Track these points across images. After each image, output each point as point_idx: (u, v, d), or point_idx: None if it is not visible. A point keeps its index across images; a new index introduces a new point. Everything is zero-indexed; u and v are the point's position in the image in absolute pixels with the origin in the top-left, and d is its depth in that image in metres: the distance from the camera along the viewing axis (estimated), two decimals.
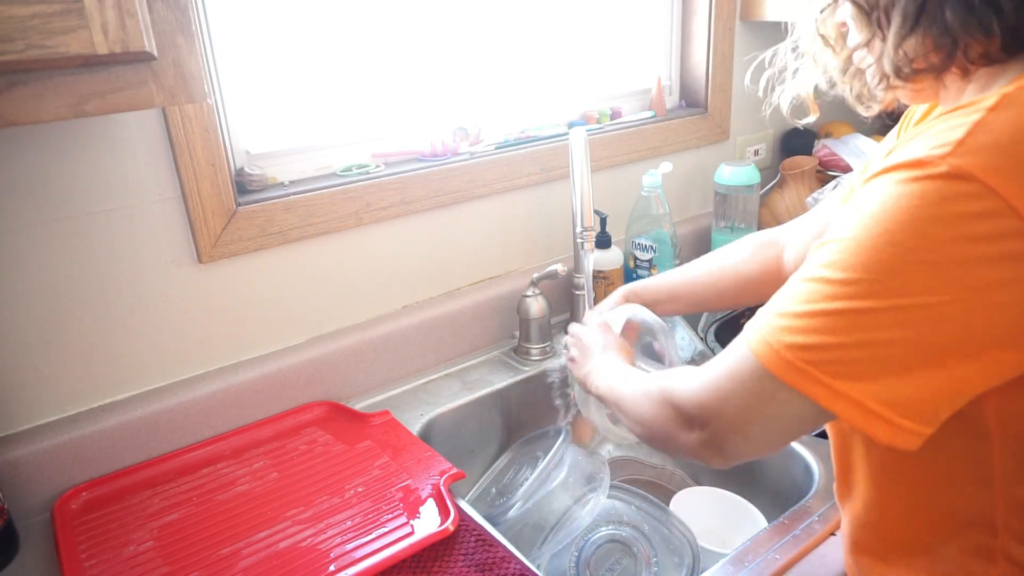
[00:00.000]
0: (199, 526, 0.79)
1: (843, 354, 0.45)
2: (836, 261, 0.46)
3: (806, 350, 0.46)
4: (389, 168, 1.07)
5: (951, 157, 0.43)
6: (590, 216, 1.09)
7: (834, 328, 0.45)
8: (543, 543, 0.84)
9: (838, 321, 0.45)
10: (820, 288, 0.47)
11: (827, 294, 0.46)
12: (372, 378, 1.07)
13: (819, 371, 0.46)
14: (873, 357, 0.45)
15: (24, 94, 0.52)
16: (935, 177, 0.43)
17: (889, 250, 0.44)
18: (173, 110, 0.84)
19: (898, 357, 0.44)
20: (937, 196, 0.43)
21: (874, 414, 0.45)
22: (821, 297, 0.46)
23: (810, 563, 0.73)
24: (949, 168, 0.42)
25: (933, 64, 0.50)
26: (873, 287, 0.44)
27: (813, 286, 0.47)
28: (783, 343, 0.47)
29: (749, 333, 0.51)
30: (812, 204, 1.27)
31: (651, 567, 0.81)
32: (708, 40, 1.36)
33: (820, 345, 0.46)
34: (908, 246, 0.43)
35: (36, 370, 0.84)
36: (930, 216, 0.43)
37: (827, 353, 0.45)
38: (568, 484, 0.87)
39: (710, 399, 0.53)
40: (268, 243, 0.95)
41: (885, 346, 0.44)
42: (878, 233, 0.44)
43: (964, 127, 0.43)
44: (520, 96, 1.23)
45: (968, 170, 0.42)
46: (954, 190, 0.42)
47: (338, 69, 1.03)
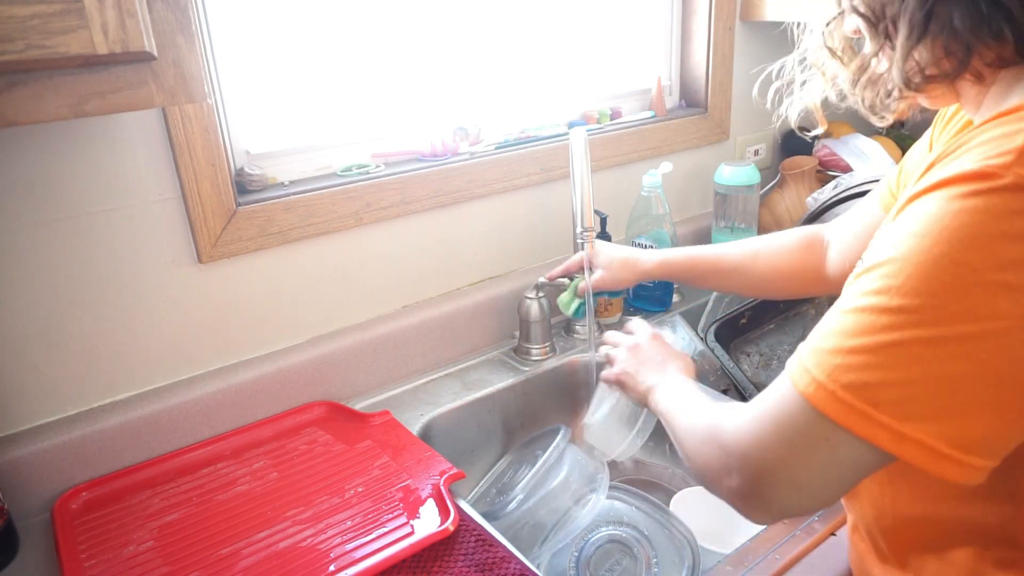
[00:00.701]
0: (199, 526, 0.79)
1: (907, 392, 0.41)
2: (891, 287, 0.42)
3: (866, 389, 0.42)
4: (389, 168, 1.07)
5: (1016, 167, 0.39)
6: (590, 216, 1.09)
7: (896, 363, 0.41)
8: (543, 543, 0.84)
9: (900, 355, 0.41)
10: (875, 319, 0.42)
11: (884, 325, 0.42)
12: (372, 378, 1.07)
13: (881, 412, 0.41)
14: (939, 394, 0.41)
15: (24, 94, 0.52)
16: (999, 190, 0.39)
17: (953, 271, 0.40)
18: (173, 110, 0.84)
19: (967, 392, 0.41)
20: (1004, 210, 0.39)
21: (944, 456, 0.41)
22: (878, 328, 0.42)
23: (810, 563, 0.73)
24: (1015, 179, 0.39)
25: (945, 71, 0.48)
26: (938, 314, 0.40)
27: (866, 317, 0.43)
28: (839, 382, 0.43)
29: (794, 371, 0.46)
30: (812, 204, 1.27)
31: (651, 568, 0.81)
32: (708, 40, 1.36)
33: (881, 383, 0.41)
34: (974, 266, 0.39)
35: (36, 370, 0.84)
36: (998, 233, 0.39)
37: (890, 392, 0.41)
38: (568, 484, 0.87)
39: (752, 444, 0.48)
40: (268, 243, 0.95)
41: (953, 381, 0.40)
42: (938, 254, 0.40)
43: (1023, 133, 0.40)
44: (520, 96, 1.23)
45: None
46: (1022, 203, 0.39)
47: (338, 69, 1.03)
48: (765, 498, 0.48)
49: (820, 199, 1.26)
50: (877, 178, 1.20)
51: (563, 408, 1.16)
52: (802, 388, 0.45)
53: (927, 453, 0.41)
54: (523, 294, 1.13)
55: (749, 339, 1.12)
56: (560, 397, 1.15)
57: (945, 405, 0.41)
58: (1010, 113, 0.43)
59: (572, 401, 1.17)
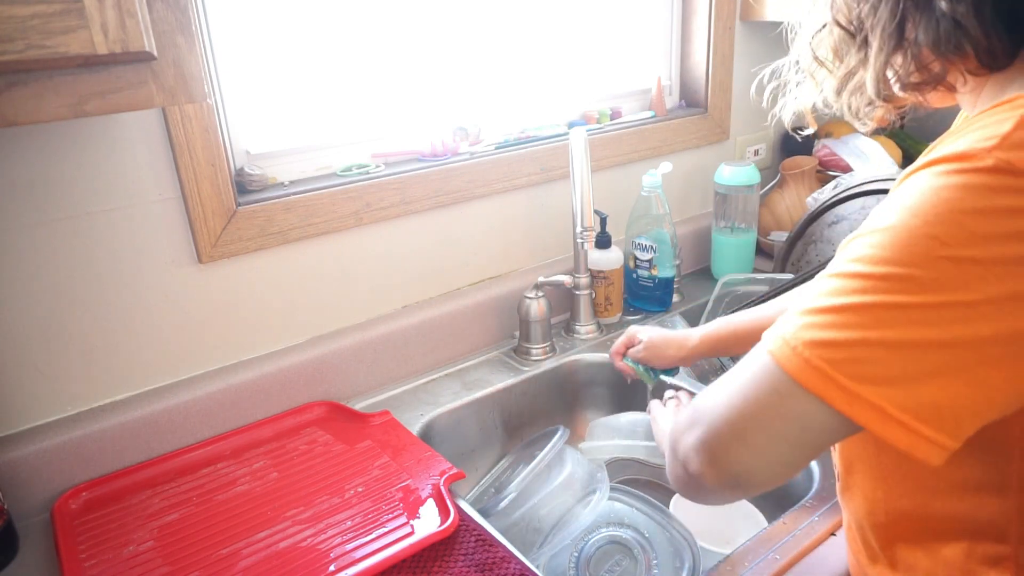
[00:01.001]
0: (199, 526, 0.79)
1: (865, 352, 0.42)
2: (868, 255, 0.43)
3: (825, 347, 0.43)
4: (389, 168, 1.07)
5: (997, 150, 0.41)
6: (590, 216, 1.09)
7: (858, 324, 0.42)
8: (543, 543, 0.84)
9: (863, 316, 0.42)
10: (848, 282, 0.44)
11: (855, 288, 0.43)
12: (372, 378, 1.07)
13: (837, 370, 0.42)
14: (897, 358, 0.41)
15: (24, 94, 0.52)
16: (980, 170, 0.41)
17: (926, 242, 0.41)
18: (173, 110, 0.84)
19: (925, 359, 0.41)
20: (982, 189, 0.41)
21: (895, 421, 0.41)
22: (848, 291, 0.43)
23: (810, 563, 0.73)
24: (996, 161, 0.40)
25: (922, 80, 0.50)
26: (905, 282, 0.41)
27: (840, 281, 0.44)
28: (801, 339, 0.44)
29: (768, 332, 0.47)
30: (812, 204, 1.27)
31: (651, 569, 0.81)
32: (708, 40, 1.36)
33: (840, 342, 0.42)
34: (946, 239, 0.41)
35: (36, 370, 0.84)
36: (973, 209, 0.40)
37: (848, 351, 0.42)
38: (568, 484, 0.87)
39: (714, 394, 0.49)
40: (268, 243, 0.95)
41: (912, 347, 0.41)
42: (915, 225, 0.42)
43: (1011, 120, 0.42)
44: (520, 96, 1.23)
45: (1016, 163, 0.40)
46: (1000, 183, 0.40)
47: (338, 69, 1.03)
48: (718, 453, 0.48)
49: (820, 199, 1.26)
50: (877, 178, 1.20)
51: (563, 408, 1.16)
52: (769, 346, 0.46)
53: (878, 415, 0.41)
54: (523, 294, 1.13)
55: None
56: (560, 397, 1.15)
57: (902, 370, 0.41)
58: (1005, 103, 0.44)
59: (572, 401, 1.17)
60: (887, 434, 0.42)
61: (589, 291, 1.19)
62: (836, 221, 1.24)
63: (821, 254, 1.26)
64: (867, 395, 0.41)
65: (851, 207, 1.22)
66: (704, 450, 0.49)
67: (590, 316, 1.20)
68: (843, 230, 1.23)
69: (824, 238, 1.26)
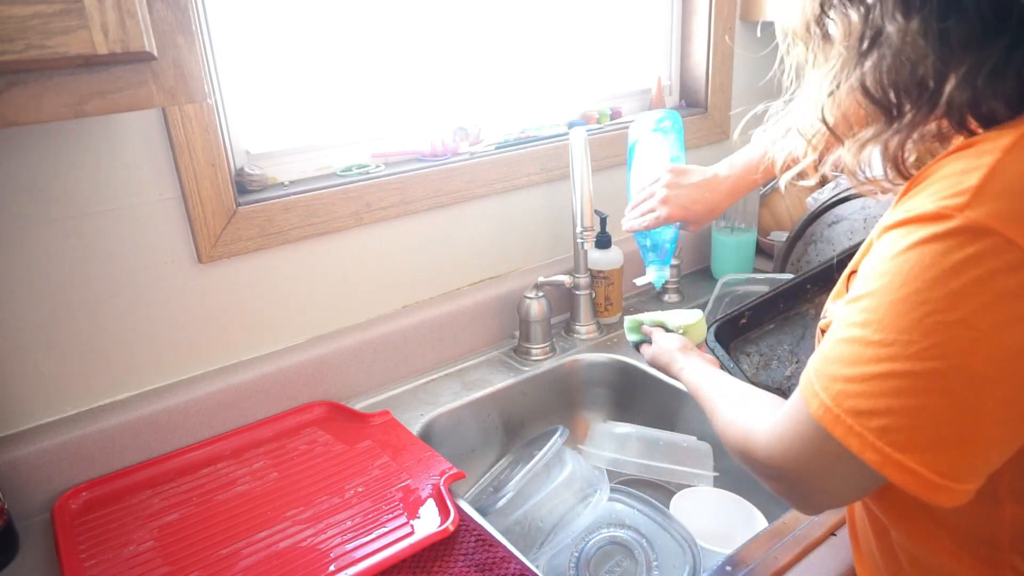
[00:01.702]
0: (199, 526, 0.79)
1: (897, 421, 0.44)
2: (871, 321, 0.45)
3: (863, 416, 0.45)
4: (389, 168, 1.07)
5: (968, 210, 0.41)
6: (590, 216, 1.09)
7: (884, 392, 0.44)
8: (543, 543, 0.84)
9: (886, 385, 0.44)
10: (862, 350, 0.45)
11: (870, 356, 0.45)
12: (372, 378, 1.07)
13: (879, 439, 0.44)
14: (926, 426, 0.43)
15: (24, 94, 0.52)
16: (951, 233, 0.41)
17: (919, 309, 0.42)
18: (173, 110, 0.84)
19: (950, 425, 0.43)
20: (959, 255, 0.41)
21: (936, 485, 0.43)
22: (865, 360, 0.45)
23: (810, 563, 0.73)
24: (966, 222, 0.41)
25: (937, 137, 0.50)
26: (908, 348, 0.43)
27: (856, 348, 0.46)
28: (843, 407, 0.46)
29: (806, 391, 0.49)
30: (812, 204, 1.27)
31: (651, 570, 0.81)
32: (708, 40, 1.36)
33: (874, 410, 0.44)
34: (936, 306, 0.42)
35: (36, 370, 0.84)
36: (954, 275, 0.41)
37: (883, 419, 0.44)
38: (569, 484, 0.87)
39: (784, 459, 0.53)
40: (268, 243, 0.95)
41: (935, 414, 0.43)
42: (904, 294, 0.43)
43: (979, 171, 0.42)
44: (520, 96, 1.23)
45: (984, 223, 0.40)
46: (974, 247, 0.41)
47: (338, 69, 1.03)
48: (804, 500, 0.54)
49: (820, 199, 1.26)
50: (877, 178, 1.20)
51: (563, 408, 1.16)
52: (814, 410, 0.48)
53: (921, 482, 0.44)
54: (523, 294, 1.13)
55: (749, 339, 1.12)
56: (560, 397, 1.15)
57: (926, 436, 0.43)
58: (977, 144, 0.44)
59: (572, 401, 1.17)
60: (924, 493, 0.44)
61: (589, 291, 1.19)
62: (836, 221, 1.24)
63: (821, 254, 1.26)
64: (909, 463, 0.44)
65: (851, 207, 1.22)
66: (794, 498, 0.55)
67: (590, 316, 1.20)
68: (843, 230, 1.23)
69: (824, 238, 1.26)
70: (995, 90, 0.45)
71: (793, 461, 0.52)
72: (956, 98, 0.46)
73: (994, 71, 0.44)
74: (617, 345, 1.17)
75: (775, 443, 0.53)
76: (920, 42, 0.46)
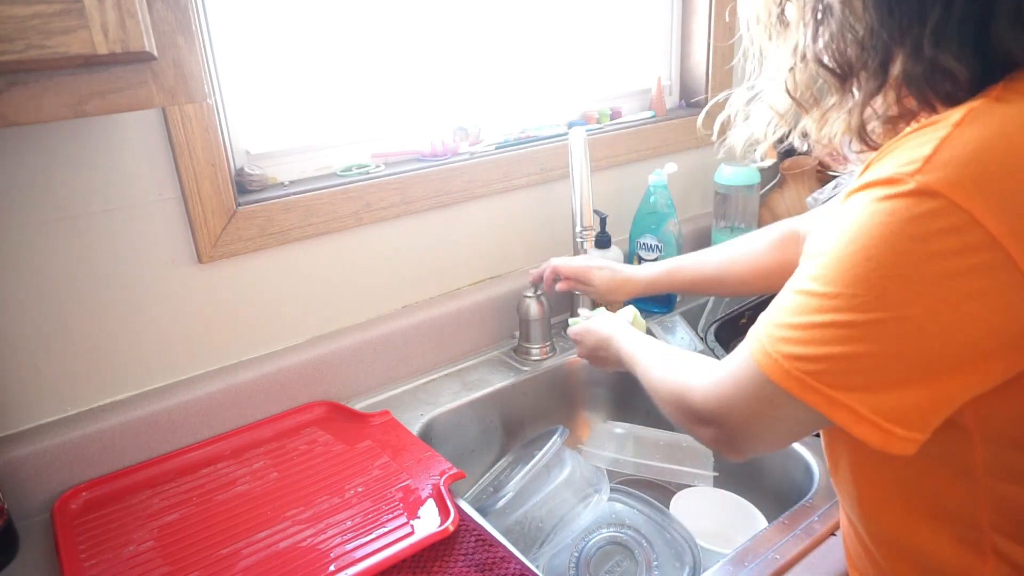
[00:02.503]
0: (199, 526, 0.79)
1: (834, 365, 0.47)
2: (820, 275, 0.49)
3: (802, 360, 0.49)
4: (389, 168, 1.07)
5: (919, 175, 0.44)
6: (590, 216, 1.09)
7: (824, 340, 0.48)
8: (543, 543, 0.84)
9: (827, 333, 0.48)
10: (808, 301, 0.49)
11: (814, 307, 0.48)
12: (372, 378, 1.07)
13: (815, 380, 0.48)
14: (861, 369, 0.47)
15: (24, 94, 0.52)
16: (904, 195, 0.45)
17: (865, 265, 0.46)
18: (173, 110, 0.84)
19: (885, 370, 0.46)
20: (906, 213, 0.45)
21: (867, 420, 0.47)
22: (810, 310, 0.49)
23: (810, 563, 0.73)
24: (917, 185, 0.44)
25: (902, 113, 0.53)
26: (853, 301, 0.46)
27: (802, 299, 0.50)
28: (781, 353, 0.50)
29: (751, 341, 0.54)
30: (812, 204, 1.27)
31: (651, 569, 0.81)
32: (708, 40, 1.36)
33: (813, 356, 0.48)
34: (882, 261, 0.45)
35: (36, 370, 0.84)
36: (901, 232, 0.45)
37: (820, 364, 0.48)
38: (569, 484, 0.87)
39: (719, 404, 0.57)
40: (268, 243, 0.95)
41: (871, 359, 0.46)
42: (854, 249, 0.47)
43: (931, 143, 0.45)
44: (520, 96, 1.23)
45: (934, 187, 0.44)
46: (922, 207, 0.44)
47: (338, 69, 1.03)
48: (734, 444, 0.57)
49: (820, 199, 1.26)
50: None
51: (563, 408, 1.16)
52: (756, 357, 0.52)
53: (854, 417, 0.47)
54: (523, 294, 1.13)
55: None
56: (560, 397, 1.15)
57: (868, 379, 0.47)
58: (933, 123, 0.47)
59: (572, 401, 1.17)
60: (861, 433, 0.47)
61: None
62: None
63: None
64: (843, 399, 0.48)
65: None
66: (724, 443, 0.58)
67: None
68: None
69: None
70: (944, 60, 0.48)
71: (728, 406, 0.56)
72: (911, 70, 0.49)
73: (936, 32, 0.47)
74: None
75: (712, 388, 0.57)
76: (861, 12, 0.50)
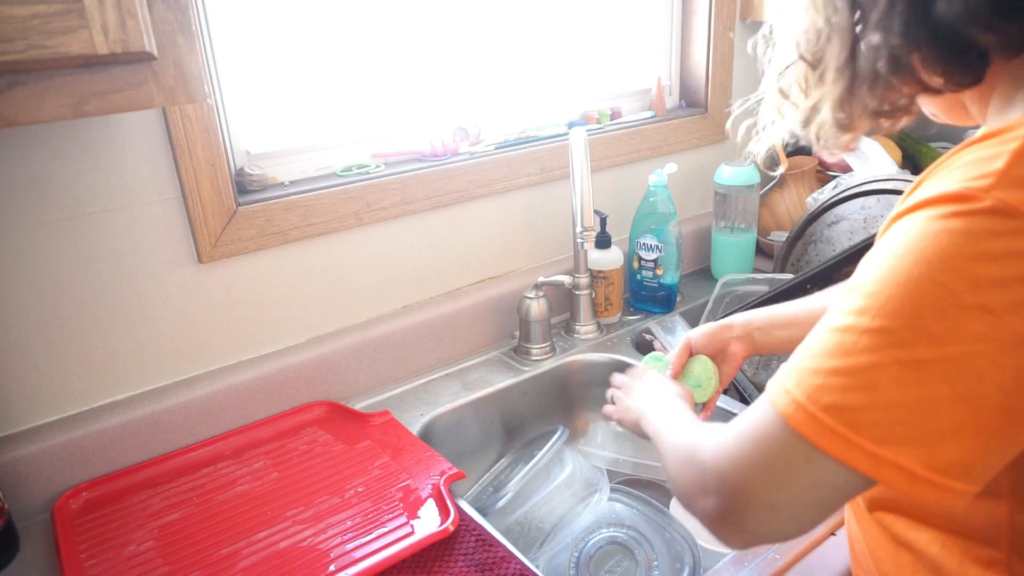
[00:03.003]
0: (199, 526, 0.79)
1: (885, 414, 0.41)
2: (867, 308, 0.42)
3: (844, 411, 0.41)
4: (389, 168, 1.07)
5: (995, 190, 0.39)
6: (590, 216, 1.09)
7: (875, 385, 0.41)
8: (543, 543, 0.84)
9: (879, 377, 0.41)
10: (855, 340, 0.42)
11: (864, 346, 0.41)
12: (372, 378, 1.07)
13: (859, 434, 0.41)
14: (918, 417, 0.40)
15: (24, 94, 0.52)
16: (977, 213, 0.39)
17: (932, 292, 0.40)
18: (173, 110, 0.84)
19: (946, 415, 0.40)
20: (983, 232, 0.39)
21: (923, 480, 0.41)
22: (858, 350, 0.42)
23: (810, 563, 0.73)
24: (994, 202, 0.39)
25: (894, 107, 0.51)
26: (916, 335, 0.40)
27: (846, 337, 0.43)
28: (818, 403, 0.42)
29: (775, 391, 0.46)
30: (812, 204, 1.27)
31: (651, 569, 0.81)
32: (708, 40, 1.36)
33: (860, 405, 0.41)
34: (952, 288, 0.39)
35: (36, 370, 0.84)
36: (976, 254, 0.39)
37: (868, 414, 0.41)
38: (569, 484, 0.87)
39: (730, 463, 0.47)
40: (268, 243, 0.95)
41: (932, 404, 0.40)
42: (917, 275, 0.40)
43: (1002, 156, 0.40)
44: (520, 96, 1.23)
45: (1014, 204, 0.39)
46: (1002, 226, 0.39)
47: (338, 69, 1.03)
48: (739, 520, 0.47)
49: (820, 199, 1.26)
50: (877, 178, 1.20)
51: (563, 408, 1.16)
52: (781, 408, 0.44)
53: (904, 476, 0.41)
54: (523, 294, 1.13)
55: None
56: (560, 397, 1.15)
57: (923, 428, 0.41)
58: (992, 136, 0.43)
59: (572, 401, 1.17)
60: (915, 491, 0.41)
61: (589, 291, 1.19)
62: (836, 221, 1.24)
63: (821, 254, 1.26)
64: (892, 457, 0.41)
65: (851, 207, 1.22)
66: (729, 518, 0.47)
67: (590, 316, 1.20)
68: (843, 230, 1.23)
69: (824, 238, 1.26)
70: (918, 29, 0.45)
71: (742, 468, 0.46)
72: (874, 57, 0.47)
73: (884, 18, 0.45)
74: (617, 345, 1.17)
75: (725, 446, 0.48)
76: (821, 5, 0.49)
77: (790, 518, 0.45)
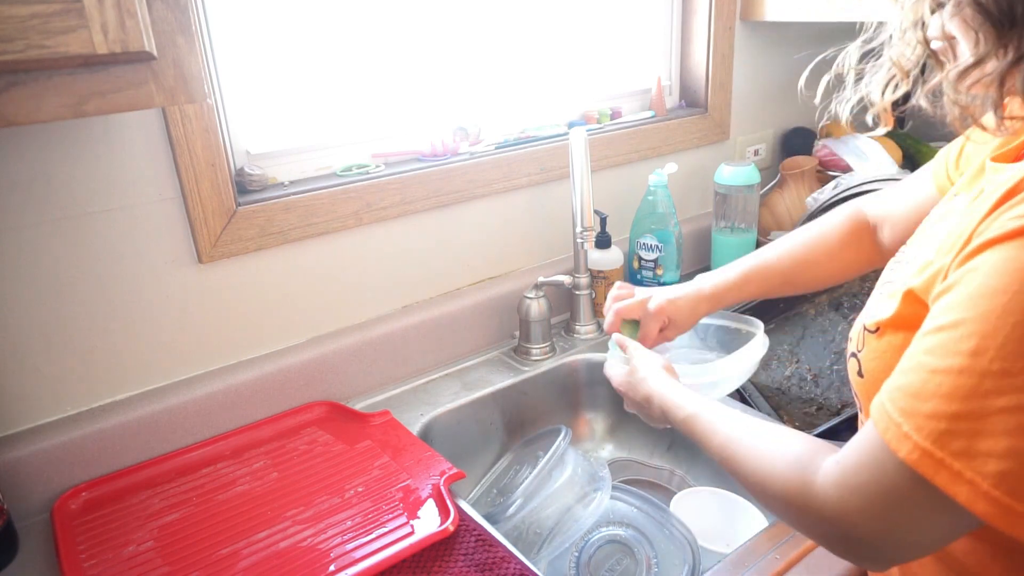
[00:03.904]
0: (199, 526, 0.79)
1: (1018, 464, 0.39)
2: (989, 348, 0.39)
3: (976, 458, 0.39)
4: (389, 168, 1.07)
5: None
6: (590, 216, 1.09)
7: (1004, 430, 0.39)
8: (544, 543, 0.84)
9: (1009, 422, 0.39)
10: (978, 382, 0.40)
11: (990, 389, 0.39)
12: (372, 378, 1.07)
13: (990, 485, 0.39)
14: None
15: (24, 94, 0.52)
16: None
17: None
18: (173, 110, 0.84)
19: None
20: None
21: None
22: (983, 393, 0.39)
23: (810, 563, 0.73)
24: None
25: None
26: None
27: (967, 380, 0.40)
28: (948, 449, 0.40)
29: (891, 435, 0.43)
30: (812, 204, 1.27)
31: (651, 569, 0.81)
32: (708, 40, 1.36)
33: (991, 452, 0.39)
34: None
35: (36, 370, 0.84)
36: None
37: (1001, 463, 0.39)
38: (570, 484, 0.87)
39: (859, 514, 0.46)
40: (268, 243, 0.95)
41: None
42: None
43: None
44: (520, 96, 1.23)
45: None
46: None
47: (338, 69, 1.03)
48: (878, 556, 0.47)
49: (820, 199, 1.26)
50: (877, 178, 1.20)
51: (563, 408, 1.16)
52: (905, 454, 0.42)
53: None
54: (523, 294, 1.13)
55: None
56: (560, 397, 1.15)
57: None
58: None
59: (572, 401, 1.17)
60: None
61: (589, 291, 1.19)
62: None
63: None
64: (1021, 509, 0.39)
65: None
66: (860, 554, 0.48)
67: (590, 316, 1.20)
68: None
69: None
70: None
71: (874, 516, 0.45)
72: None
73: None
74: None
75: (848, 496, 0.46)
76: None
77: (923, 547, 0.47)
